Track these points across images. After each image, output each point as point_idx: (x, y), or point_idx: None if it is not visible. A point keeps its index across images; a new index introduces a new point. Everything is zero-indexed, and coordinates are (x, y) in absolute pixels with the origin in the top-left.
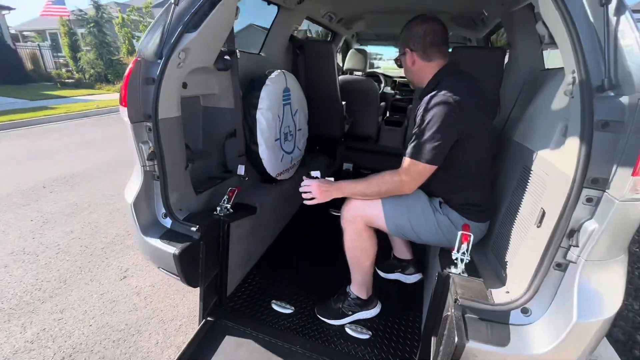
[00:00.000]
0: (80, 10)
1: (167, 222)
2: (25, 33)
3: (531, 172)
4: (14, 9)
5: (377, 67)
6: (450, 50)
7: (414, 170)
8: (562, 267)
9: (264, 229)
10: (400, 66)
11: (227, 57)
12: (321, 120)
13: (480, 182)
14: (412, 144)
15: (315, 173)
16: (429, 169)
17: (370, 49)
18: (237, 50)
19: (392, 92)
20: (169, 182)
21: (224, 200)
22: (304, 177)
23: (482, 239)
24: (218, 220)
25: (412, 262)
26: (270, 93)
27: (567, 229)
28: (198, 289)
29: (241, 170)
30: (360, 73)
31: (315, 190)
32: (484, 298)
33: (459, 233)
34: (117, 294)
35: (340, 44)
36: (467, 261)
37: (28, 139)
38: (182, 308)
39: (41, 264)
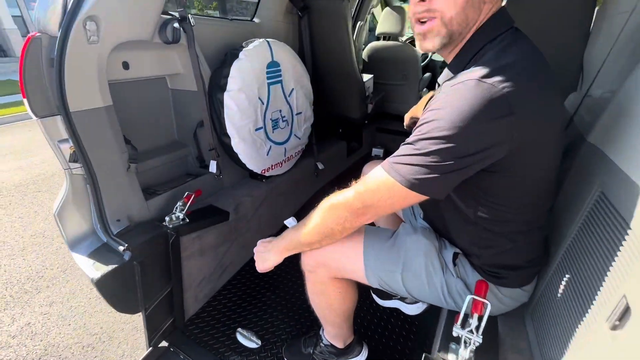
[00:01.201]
0: None
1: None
2: None
3: (611, 206)
4: None
5: None
6: None
7: (381, 188)
8: None
9: (245, 235)
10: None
11: (176, 25)
12: (337, 100)
13: (534, 232)
14: (401, 147)
15: (289, 222)
16: (411, 198)
17: None
18: (190, 16)
19: (441, 59)
20: (102, 187)
21: (177, 207)
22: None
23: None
24: (165, 234)
25: None
26: (245, 70)
27: None
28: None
29: (213, 167)
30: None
31: (256, 256)
32: None
33: (468, 298)
34: None
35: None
36: (478, 344)
37: None
38: None
39: (53, 249)
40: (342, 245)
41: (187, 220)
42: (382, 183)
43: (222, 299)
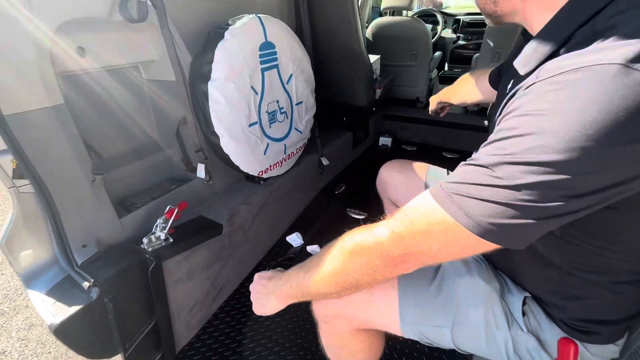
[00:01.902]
0: None
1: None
2: None
3: None
4: None
5: (446, 7)
6: None
7: (434, 231)
8: None
9: (242, 248)
10: None
11: None
12: (342, 85)
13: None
14: (466, 167)
15: (294, 239)
16: (480, 247)
17: None
18: None
19: (454, 36)
20: (60, 206)
21: (157, 225)
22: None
23: None
24: (144, 260)
25: None
26: (232, 53)
27: None
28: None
29: (201, 171)
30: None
31: (252, 295)
32: None
33: None
34: None
35: None
36: None
37: None
38: None
39: None
40: (370, 292)
41: (171, 240)
42: (436, 223)
43: (218, 323)
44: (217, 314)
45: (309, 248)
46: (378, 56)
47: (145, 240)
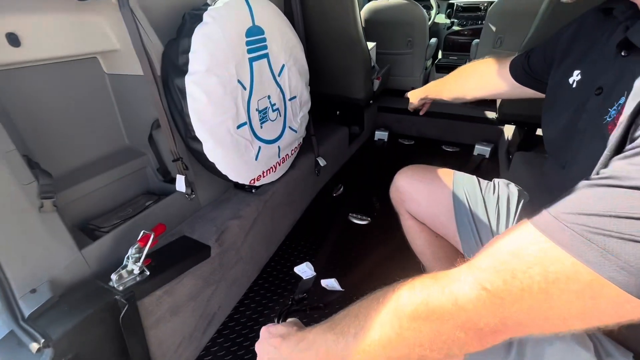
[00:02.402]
0: None
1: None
2: None
3: None
4: None
5: None
6: None
7: (562, 290)
8: None
9: (235, 268)
10: None
11: None
12: (337, 77)
13: None
14: (604, 190)
15: (304, 271)
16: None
17: None
18: None
19: (448, 21)
20: None
21: (128, 257)
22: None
23: None
24: (113, 303)
25: None
26: (214, 40)
27: None
28: None
29: (180, 184)
30: None
31: (259, 355)
32: None
33: None
34: None
35: None
36: None
37: None
38: None
39: None
40: None
41: (147, 273)
42: (562, 279)
43: (211, 358)
44: (208, 347)
45: (324, 282)
46: (374, 43)
47: (114, 277)
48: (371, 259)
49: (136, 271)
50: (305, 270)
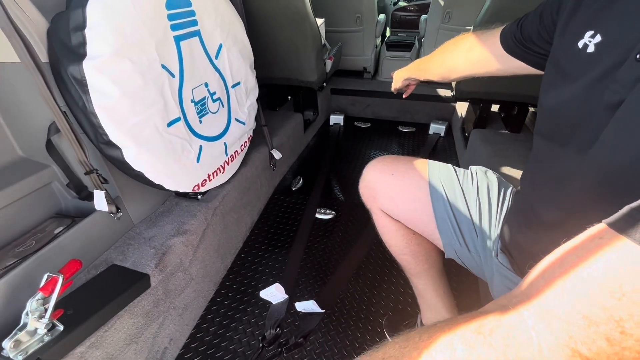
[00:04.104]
0: None
1: None
2: None
3: None
4: None
5: None
6: None
7: None
8: None
9: (185, 292)
10: None
11: None
12: (285, 57)
13: None
14: None
15: (272, 294)
16: None
17: None
18: None
19: None
20: None
21: (27, 312)
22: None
23: None
24: None
25: None
26: (118, 10)
27: None
28: None
29: (101, 202)
30: None
31: None
32: None
33: None
34: None
35: None
36: None
37: None
38: None
39: None
40: None
41: (60, 329)
42: None
43: None
44: None
45: (300, 306)
46: (322, 19)
47: (7, 344)
48: (346, 262)
49: (42, 330)
50: (274, 293)
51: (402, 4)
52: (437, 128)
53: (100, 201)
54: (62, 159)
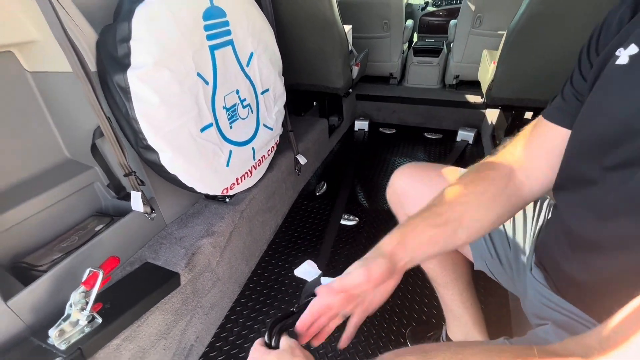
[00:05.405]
0: None
1: None
2: None
3: None
4: None
5: None
6: None
7: None
8: None
9: (212, 292)
10: None
11: None
12: (313, 64)
13: None
14: None
15: (305, 271)
16: None
17: None
18: None
19: (422, 2)
20: None
21: (71, 304)
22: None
23: None
24: None
25: None
26: (161, 24)
27: None
28: None
29: (136, 203)
30: None
31: None
32: None
33: None
34: None
35: None
36: None
37: None
38: None
39: None
40: None
41: (99, 321)
42: None
43: None
44: None
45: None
46: (350, 26)
47: (53, 332)
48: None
49: (83, 321)
50: (308, 270)
51: (430, 8)
52: (465, 135)
53: (136, 202)
54: (104, 161)
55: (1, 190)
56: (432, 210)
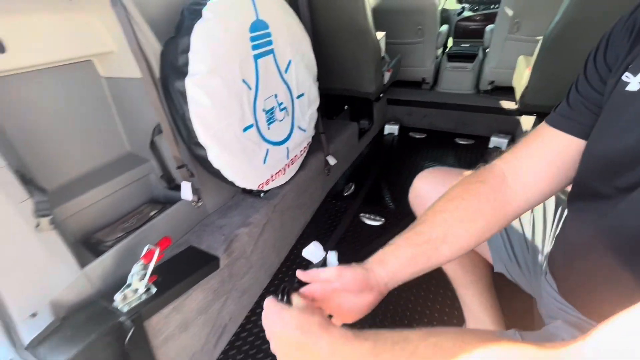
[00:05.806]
0: None
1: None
2: None
3: None
4: None
5: None
6: None
7: None
8: None
9: (245, 277)
10: None
11: None
12: (346, 70)
13: None
14: None
15: (313, 252)
16: None
17: None
18: None
19: (458, 7)
20: None
21: (132, 275)
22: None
23: None
24: (118, 326)
25: None
26: (215, 37)
27: None
28: None
29: (186, 192)
30: None
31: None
32: None
33: None
34: None
35: None
36: None
37: None
38: None
39: None
40: None
41: (153, 291)
42: None
43: None
44: (224, 354)
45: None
46: (384, 33)
47: (118, 297)
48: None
49: (141, 290)
50: (314, 252)
51: (467, 13)
52: (498, 142)
53: (186, 191)
54: (159, 155)
55: (75, 178)
56: (415, 229)
